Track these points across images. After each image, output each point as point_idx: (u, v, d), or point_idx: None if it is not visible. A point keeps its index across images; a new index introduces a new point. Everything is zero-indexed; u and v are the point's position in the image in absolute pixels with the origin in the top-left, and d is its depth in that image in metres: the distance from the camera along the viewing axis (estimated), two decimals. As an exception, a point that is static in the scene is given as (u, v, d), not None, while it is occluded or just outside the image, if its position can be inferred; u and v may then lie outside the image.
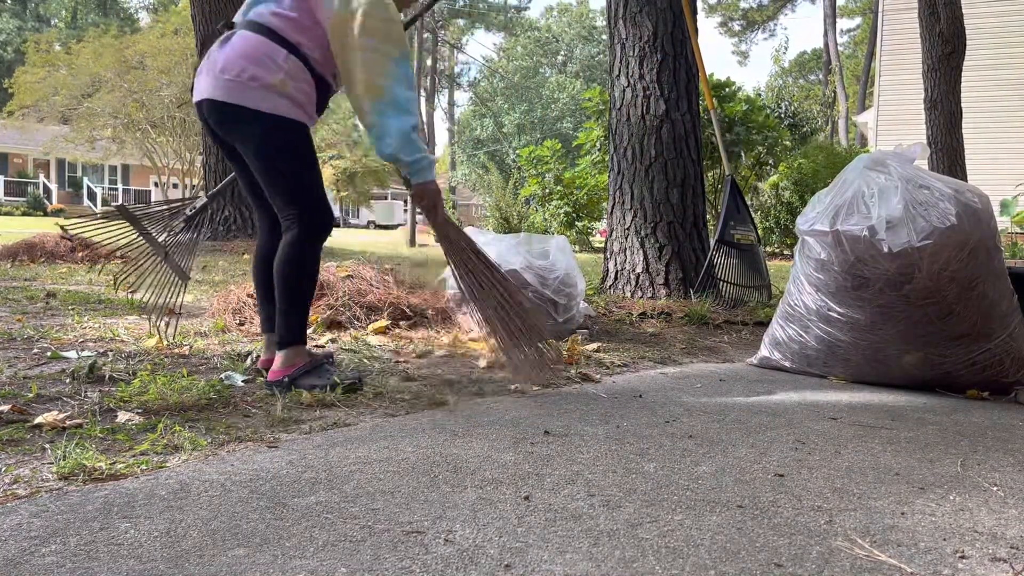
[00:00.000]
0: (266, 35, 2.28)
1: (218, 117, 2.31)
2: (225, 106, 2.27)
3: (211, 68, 2.30)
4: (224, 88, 2.26)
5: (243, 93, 2.25)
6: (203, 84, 2.31)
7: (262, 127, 2.27)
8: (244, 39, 2.29)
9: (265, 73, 2.25)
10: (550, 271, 3.59)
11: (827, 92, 33.72)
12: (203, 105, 2.33)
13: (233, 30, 2.36)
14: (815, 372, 2.95)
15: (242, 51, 2.27)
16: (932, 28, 7.12)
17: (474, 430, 1.95)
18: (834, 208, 2.84)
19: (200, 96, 2.33)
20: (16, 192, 32.40)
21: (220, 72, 2.26)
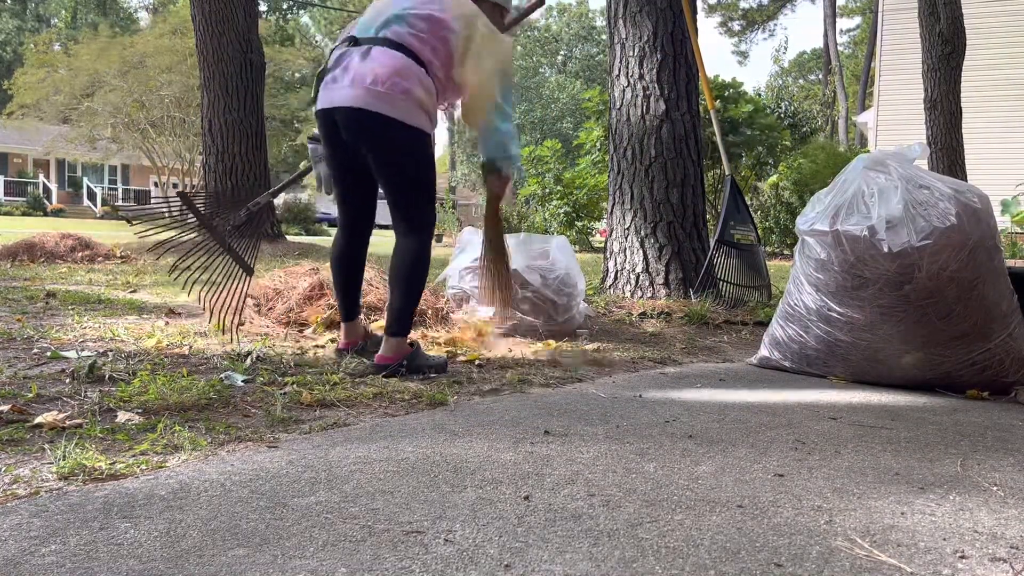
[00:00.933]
0: (407, 54, 2.51)
1: (360, 125, 2.50)
2: (373, 115, 2.46)
3: (356, 79, 2.47)
4: (375, 99, 2.45)
5: (394, 105, 2.46)
6: (345, 93, 2.49)
7: (408, 138, 2.51)
8: (390, 56, 2.49)
9: (414, 88, 2.48)
10: (550, 271, 3.60)
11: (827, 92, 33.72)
12: (341, 112, 2.51)
13: (360, 45, 2.54)
14: (815, 372, 2.95)
15: (392, 66, 2.47)
16: (932, 28, 7.12)
17: (474, 430, 1.95)
18: (834, 208, 2.84)
19: (342, 103, 2.50)
20: (16, 192, 32.39)
21: (371, 84, 2.45)
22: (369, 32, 2.56)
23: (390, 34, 2.53)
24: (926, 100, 7.27)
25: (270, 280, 3.64)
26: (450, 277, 3.74)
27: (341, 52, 2.57)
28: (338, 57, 2.57)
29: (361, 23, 2.63)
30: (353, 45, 2.56)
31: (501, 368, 2.81)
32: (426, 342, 3.23)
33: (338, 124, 2.55)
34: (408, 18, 2.55)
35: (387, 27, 2.55)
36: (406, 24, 2.54)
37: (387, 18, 2.56)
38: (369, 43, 2.53)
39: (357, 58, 2.51)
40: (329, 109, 2.54)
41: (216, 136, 9.13)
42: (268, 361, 2.66)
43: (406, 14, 2.55)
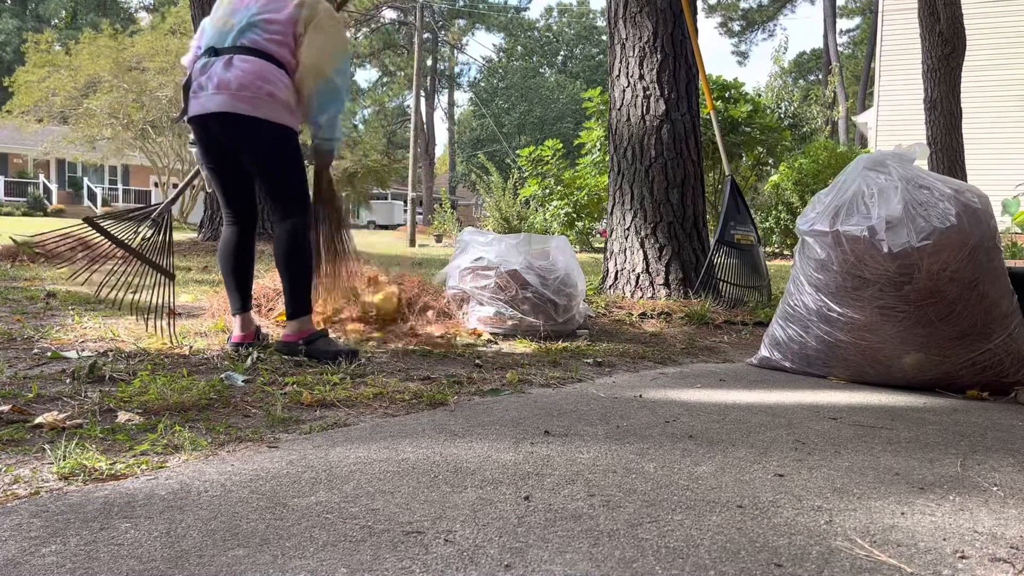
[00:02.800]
0: (266, 59, 2.70)
1: (230, 127, 2.69)
2: (241, 118, 2.66)
3: (221, 86, 2.66)
4: (242, 102, 2.64)
5: (258, 107, 2.66)
6: (213, 101, 2.67)
7: (275, 135, 2.72)
8: (251, 62, 2.68)
9: (277, 90, 2.68)
10: (550, 271, 3.60)
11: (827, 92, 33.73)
12: (211, 117, 2.69)
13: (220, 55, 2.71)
14: (815, 372, 2.95)
15: (253, 72, 2.66)
16: (932, 28, 7.12)
17: (474, 430, 1.95)
18: (834, 208, 2.84)
19: (212, 110, 2.68)
20: (16, 192, 32.39)
21: (237, 89, 2.64)
22: (226, 42, 2.72)
23: (247, 42, 2.71)
24: (926, 100, 7.27)
25: (270, 280, 3.64)
26: (450, 277, 3.74)
27: (203, 63, 2.73)
28: (201, 67, 2.73)
29: (210, 33, 2.79)
30: (213, 56, 2.72)
31: (501, 368, 2.81)
32: (425, 341, 3.23)
33: (210, 129, 2.74)
34: (260, 24, 2.72)
35: (243, 35, 2.71)
36: (260, 30, 2.72)
37: (240, 27, 2.72)
38: (229, 52, 2.70)
39: (220, 67, 2.69)
40: (201, 116, 2.72)
41: (216, 136, 9.12)
42: (268, 361, 2.66)
43: (257, 20, 2.72)
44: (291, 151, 2.79)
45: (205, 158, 2.84)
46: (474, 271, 3.62)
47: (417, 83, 27.38)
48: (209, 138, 2.77)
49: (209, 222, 9.26)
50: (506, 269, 3.55)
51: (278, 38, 2.72)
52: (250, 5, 2.75)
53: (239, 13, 2.75)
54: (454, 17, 46.40)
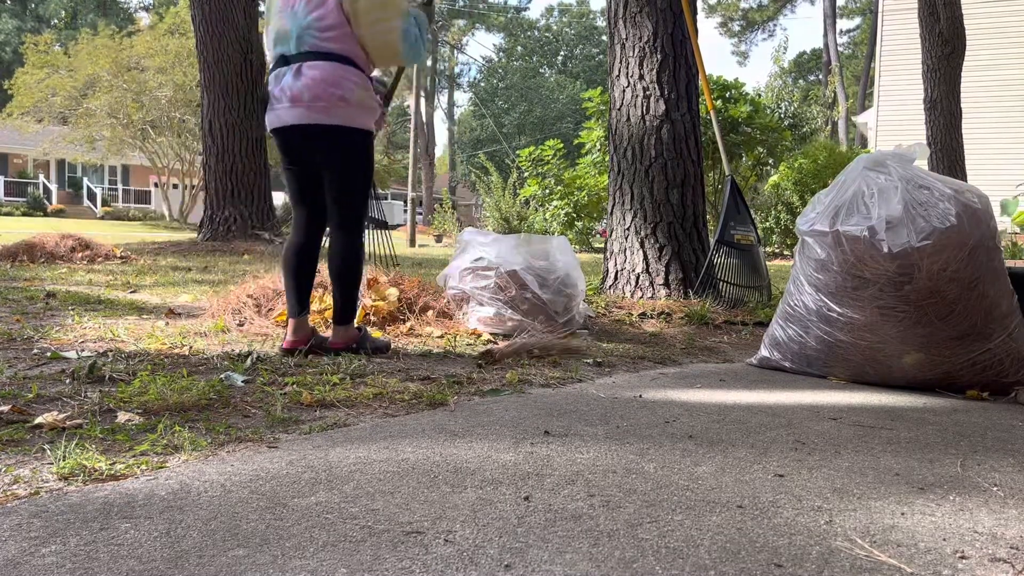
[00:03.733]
0: (333, 59, 2.70)
1: (307, 138, 2.75)
2: (315, 128, 2.71)
3: (294, 98, 2.70)
4: (316, 112, 2.69)
5: (332, 114, 2.70)
6: (288, 113, 2.73)
7: (350, 141, 2.77)
8: (318, 68, 2.70)
9: (348, 93, 2.71)
10: (550, 271, 3.60)
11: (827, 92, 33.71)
12: (288, 130, 2.76)
13: (290, 63, 2.73)
14: (815, 372, 2.95)
15: (322, 78, 2.68)
16: (932, 28, 7.12)
17: (474, 430, 1.95)
18: (834, 208, 2.84)
19: (288, 123, 2.74)
20: (16, 192, 32.38)
21: (309, 100, 2.69)
22: (292, 48, 2.74)
23: (308, 48, 2.71)
24: (926, 100, 7.27)
25: (270, 280, 3.64)
26: (450, 277, 3.74)
27: (275, 73, 2.77)
28: (275, 77, 2.78)
29: (275, 39, 2.80)
30: (283, 64, 2.75)
31: (501, 368, 2.81)
32: (424, 340, 3.23)
33: (289, 139, 2.80)
34: (312, 27, 2.71)
35: (302, 42, 2.72)
36: (315, 32, 2.71)
37: (296, 35, 2.72)
38: (297, 60, 2.72)
39: (290, 78, 2.72)
40: (278, 128, 2.79)
41: (216, 137, 9.13)
42: (268, 361, 2.66)
43: (309, 23, 2.71)
44: (363, 155, 2.84)
45: (283, 164, 2.91)
46: (474, 271, 3.62)
47: (417, 83, 27.39)
48: (289, 146, 2.84)
49: (209, 222, 9.26)
50: (506, 270, 3.55)
51: (334, 34, 2.70)
52: (296, 8, 2.73)
53: (287, 17, 2.74)
54: (454, 17, 46.40)
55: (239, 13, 9.13)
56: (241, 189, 9.15)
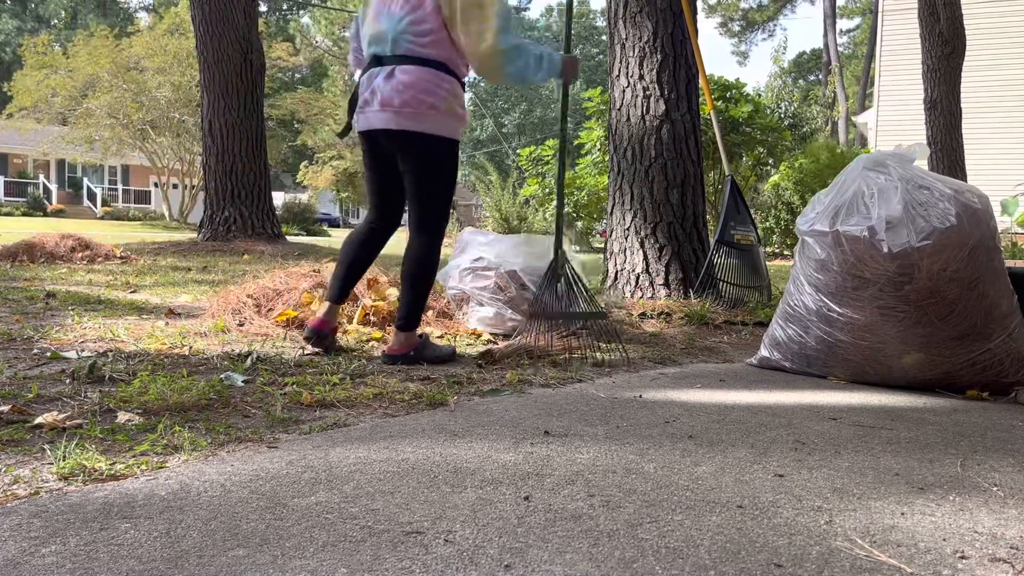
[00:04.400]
0: (426, 64, 2.68)
1: (395, 142, 2.75)
2: (404, 133, 2.70)
3: (384, 102, 2.69)
4: (405, 118, 2.68)
5: (421, 121, 2.69)
6: (378, 117, 2.72)
7: (436, 148, 2.74)
8: (411, 73, 2.67)
9: (438, 101, 2.69)
10: (550, 271, 3.59)
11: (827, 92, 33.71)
12: (377, 133, 2.76)
13: (384, 64, 2.71)
14: (815, 372, 2.95)
15: (414, 84, 2.66)
16: (932, 28, 7.12)
17: (474, 430, 1.95)
18: (834, 208, 2.84)
19: (378, 126, 2.74)
20: (16, 192, 32.39)
21: (400, 105, 2.67)
22: (386, 50, 2.71)
23: (403, 51, 2.69)
24: (926, 100, 7.27)
25: (270, 280, 3.64)
26: (450, 277, 3.74)
27: (368, 73, 2.75)
28: (367, 78, 2.75)
29: (372, 35, 2.77)
30: (376, 65, 2.73)
31: (501, 368, 2.81)
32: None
33: (376, 141, 2.81)
34: (409, 30, 2.68)
35: (397, 44, 2.69)
36: (411, 36, 2.68)
37: (392, 37, 2.69)
38: (391, 62, 2.70)
39: (382, 81, 2.70)
40: (366, 131, 2.80)
41: (216, 137, 9.14)
42: (268, 361, 2.66)
43: (406, 27, 2.68)
44: (448, 163, 2.81)
45: (367, 163, 2.92)
46: (474, 271, 3.62)
47: (417, 83, 27.34)
48: (374, 150, 2.85)
49: (209, 222, 9.26)
50: (506, 269, 3.55)
51: (431, 38, 2.68)
52: (393, 11, 2.71)
53: (384, 18, 2.72)
54: (454, 17, 46.35)
55: (239, 13, 9.13)
56: (241, 189, 9.15)
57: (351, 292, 3.00)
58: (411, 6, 2.68)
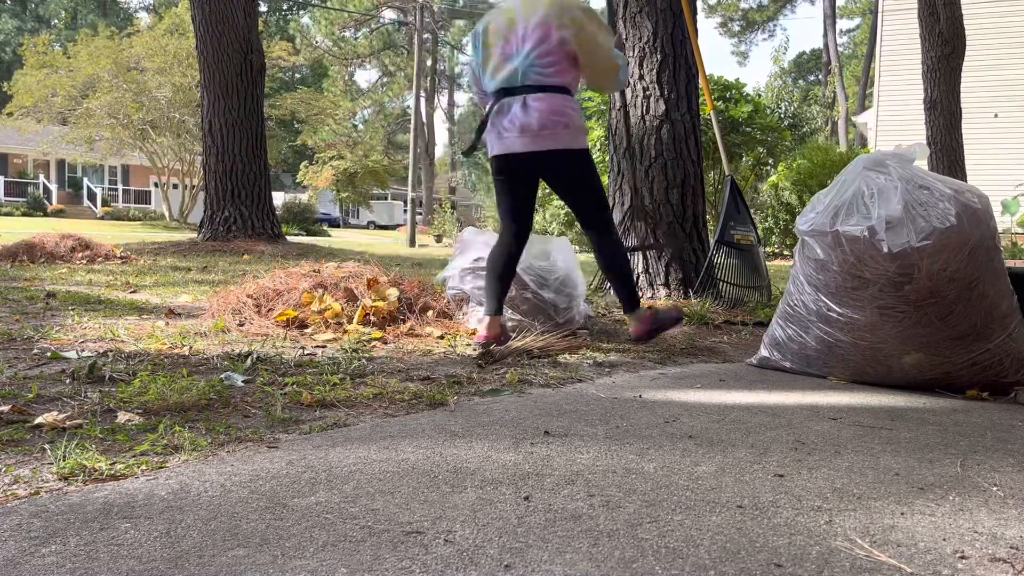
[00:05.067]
0: (554, 91, 3.06)
1: (538, 163, 3.12)
2: (546, 153, 3.07)
3: (524, 128, 3.04)
4: (544, 140, 3.04)
5: (558, 139, 3.06)
6: (519, 142, 3.07)
7: (576, 159, 3.14)
8: (543, 100, 3.05)
9: (569, 119, 3.07)
10: (551, 272, 3.59)
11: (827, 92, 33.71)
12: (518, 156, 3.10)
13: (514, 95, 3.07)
14: (815, 372, 2.95)
15: (548, 110, 3.04)
16: (932, 28, 7.12)
17: (474, 430, 1.95)
18: (833, 208, 2.84)
19: (519, 150, 3.08)
20: (16, 192, 32.38)
21: (539, 129, 3.03)
22: (516, 82, 3.07)
23: (532, 82, 3.05)
24: (926, 100, 7.27)
25: (270, 280, 3.64)
26: (450, 278, 3.74)
27: (499, 105, 3.10)
28: (498, 109, 3.10)
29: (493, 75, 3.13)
30: (506, 96, 3.09)
31: (501, 368, 2.81)
32: (424, 340, 3.23)
33: (516, 164, 3.14)
34: (537, 64, 3.04)
35: (527, 76, 3.06)
36: (540, 67, 3.05)
37: (522, 70, 3.06)
38: (521, 92, 3.06)
39: (518, 110, 3.05)
40: (506, 155, 3.12)
41: (216, 136, 9.14)
42: (268, 361, 2.66)
43: (534, 60, 3.04)
44: (590, 166, 3.18)
45: (504, 185, 3.22)
46: (474, 271, 3.62)
47: (417, 83, 27.37)
48: (512, 170, 3.17)
49: (209, 222, 9.26)
50: (506, 269, 3.54)
51: (557, 68, 3.05)
52: (519, 48, 3.07)
53: (512, 58, 3.08)
54: (454, 17, 46.38)
55: (239, 13, 9.13)
56: (241, 189, 9.15)
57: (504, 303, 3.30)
58: (537, 40, 3.04)
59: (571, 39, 3.04)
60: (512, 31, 3.10)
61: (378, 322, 3.40)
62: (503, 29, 3.13)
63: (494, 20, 3.18)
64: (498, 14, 3.19)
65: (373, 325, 3.36)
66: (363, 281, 3.56)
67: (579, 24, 3.05)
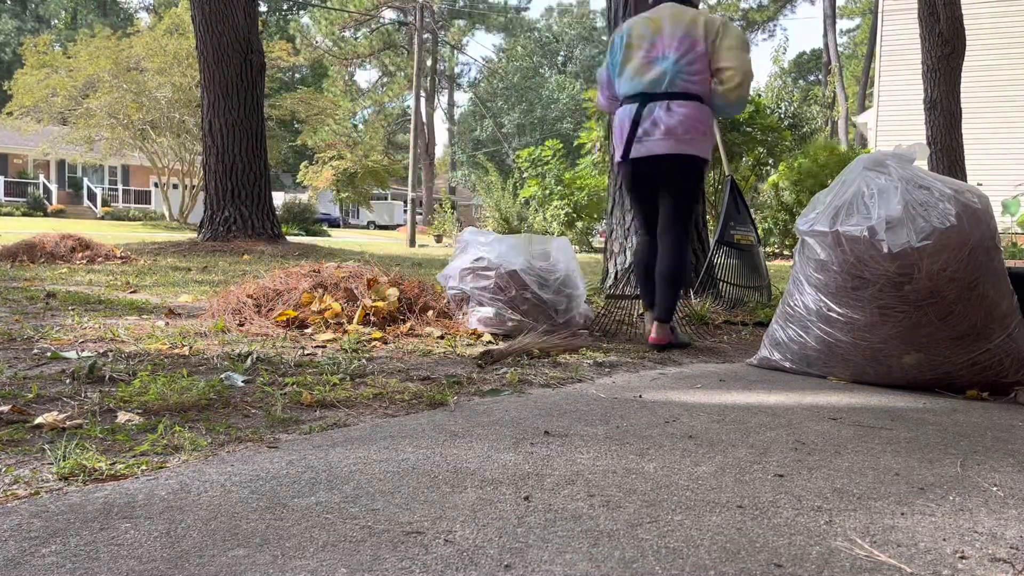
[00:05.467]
0: (695, 99, 3.25)
1: (673, 164, 3.28)
2: (682, 157, 3.25)
3: (668, 131, 3.23)
4: (685, 144, 3.23)
5: (694, 146, 3.26)
6: (662, 144, 3.25)
7: (698, 165, 3.33)
8: (687, 107, 3.24)
9: (705, 127, 3.28)
10: (551, 272, 3.60)
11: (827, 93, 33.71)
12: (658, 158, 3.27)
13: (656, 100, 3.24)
14: (815, 372, 2.95)
15: (690, 116, 3.23)
16: (932, 28, 7.12)
17: (474, 430, 1.95)
18: (834, 209, 2.84)
19: (660, 152, 3.26)
20: (16, 192, 32.39)
21: (682, 133, 3.22)
22: (660, 88, 3.25)
23: (678, 89, 3.24)
24: (926, 100, 7.27)
25: (270, 280, 3.64)
26: (450, 277, 3.74)
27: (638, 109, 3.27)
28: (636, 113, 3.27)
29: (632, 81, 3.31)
30: (649, 101, 3.26)
31: (501, 368, 2.80)
32: (424, 340, 3.23)
33: (651, 166, 3.30)
34: (684, 71, 3.23)
35: (674, 83, 3.24)
36: (685, 75, 3.23)
37: (671, 74, 3.24)
38: (665, 98, 3.23)
39: (663, 113, 3.23)
40: (646, 158, 3.29)
41: (216, 136, 9.14)
42: (268, 361, 2.66)
43: (681, 67, 3.23)
44: (703, 178, 3.45)
45: (638, 188, 3.42)
46: (474, 271, 3.62)
47: (417, 83, 27.38)
48: (650, 173, 3.34)
49: (209, 222, 9.25)
50: (506, 270, 3.55)
51: (700, 76, 3.25)
52: (667, 53, 3.25)
53: (658, 63, 3.26)
54: (454, 17, 46.40)
55: (239, 13, 9.13)
56: (241, 189, 9.15)
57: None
58: (684, 49, 3.23)
59: (714, 48, 3.24)
60: (659, 36, 3.27)
61: (378, 322, 3.40)
62: (649, 33, 3.30)
63: (639, 24, 3.35)
64: (643, 20, 3.35)
65: (373, 325, 3.36)
66: (363, 281, 3.56)
67: (721, 35, 3.25)
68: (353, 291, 3.50)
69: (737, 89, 3.29)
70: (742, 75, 3.27)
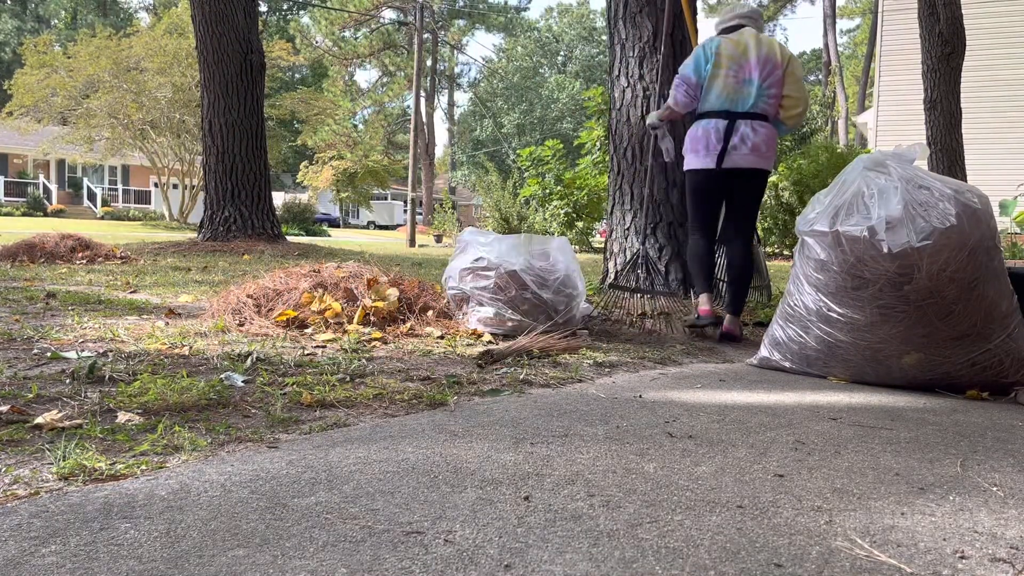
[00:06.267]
0: (769, 121, 3.74)
1: (754, 177, 3.76)
2: (762, 171, 3.76)
3: (754, 148, 3.69)
4: (764, 160, 3.73)
5: (769, 161, 3.76)
6: (748, 159, 3.71)
7: (766, 177, 3.84)
8: (767, 127, 3.72)
9: (775, 145, 3.79)
10: (551, 272, 3.59)
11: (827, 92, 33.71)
12: (743, 171, 3.73)
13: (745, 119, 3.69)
14: (815, 372, 2.95)
15: (769, 135, 3.71)
16: (932, 28, 7.11)
17: (474, 430, 1.95)
18: (834, 208, 2.84)
19: (746, 166, 3.72)
20: (16, 192, 32.39)
21: (765, 151, 3.71)
22: (746, 107, 3.68)
23: (759, 110, 3.69)
24: (926, 100, 7.26)
25: (270, 280, 3.64)
26: (450, 278, 3.74)
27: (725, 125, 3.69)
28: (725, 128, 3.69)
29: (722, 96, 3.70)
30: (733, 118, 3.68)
31: (501, 368, 2.80)
32: (424, 340, 3.23)
33: (734, 177, 3.74)
34: (766, 93, 3.68)
35: (757, 105, 3.68)
36: (767, 98, 3.69)
37: (755, 97, 3.67)
38: (749, 118, 3.68)
39: (750, 131, 3.67)
40: (732, 169, 3.71)
41: (216, 136, 9.13)
42: (268, 361, 2.66)
43: (765, 91, 3.68)
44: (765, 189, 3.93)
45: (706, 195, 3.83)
46: (474, 271, 3.62)
47: (417, 83, 27.38)
48: (728, 183, 3.77)
49: (209, 222, 9.25)
50: (506, 270, 3.54)
51: (775, 100, 3.70)
52: (752, 77, 3.67)
53: (746, 84, 3.68)
54: (454, 17, 46.40)
55: (239, 13, 9.13)
56: (241, 189, 9.15)
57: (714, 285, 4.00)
58: (767, 73, 3.66)
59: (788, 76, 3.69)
60: (746, 60, 3.67)
61: (378, 322, 3.40)
62: (737, 56, 3.68)
63: (727, 47, 3.70)
64: (731, 42, 3.71)
65: (373, 325, 3.36)
66: (363, 281, 3.56)
67: (791, 65, 3.71)
68: (353, 291, 3.50)
69: (797, 117, 3.76)
70: (803, 105, 3.76)
